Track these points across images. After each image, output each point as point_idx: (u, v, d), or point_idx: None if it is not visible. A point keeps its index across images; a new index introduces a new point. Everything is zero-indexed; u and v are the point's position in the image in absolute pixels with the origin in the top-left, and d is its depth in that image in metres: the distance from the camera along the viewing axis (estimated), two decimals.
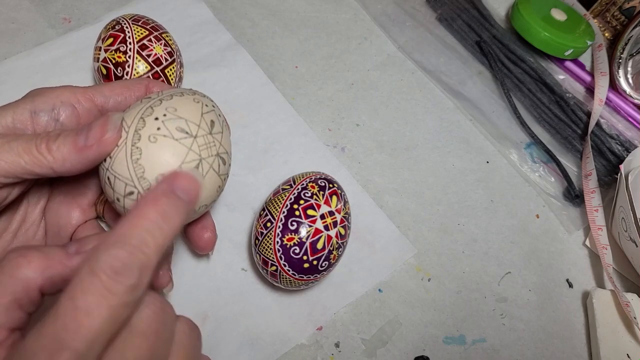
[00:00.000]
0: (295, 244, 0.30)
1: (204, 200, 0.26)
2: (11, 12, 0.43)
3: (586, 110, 0.46)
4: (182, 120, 0.25)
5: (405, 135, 0.43)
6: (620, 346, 0.35)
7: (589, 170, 0.42)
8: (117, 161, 0.24)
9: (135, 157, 0.24)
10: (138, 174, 0.24)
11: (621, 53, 0.48)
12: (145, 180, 0.24)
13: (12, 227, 0.28)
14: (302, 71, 0.45)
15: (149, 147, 0.24)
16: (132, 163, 0.24)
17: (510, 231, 0.41)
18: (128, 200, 0.24)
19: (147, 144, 0.24)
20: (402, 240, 0.38)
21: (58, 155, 0.23)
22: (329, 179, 0.33)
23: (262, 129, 0.41)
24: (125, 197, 0.24)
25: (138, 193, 0.24)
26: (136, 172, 0.24)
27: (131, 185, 0.24)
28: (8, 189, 0.25)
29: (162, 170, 0.24)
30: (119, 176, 0.24)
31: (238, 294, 0.34)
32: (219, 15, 0.46)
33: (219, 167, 0.26)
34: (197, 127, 0.25)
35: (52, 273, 0.21)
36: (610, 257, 0.38)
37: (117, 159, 0.24)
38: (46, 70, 0.40)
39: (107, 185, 0.25)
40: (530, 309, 0.38)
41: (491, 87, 0.47)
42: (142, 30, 0.35)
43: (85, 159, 0.24)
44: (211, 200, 0.27)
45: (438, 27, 0.50)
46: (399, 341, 0.35)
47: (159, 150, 0.24)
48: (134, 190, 0.24)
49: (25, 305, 0.20)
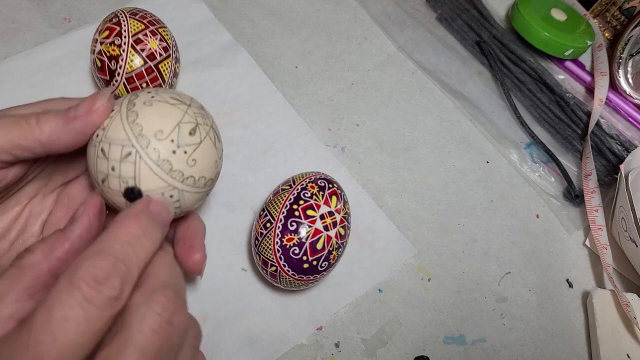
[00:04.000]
0: (294, 244, 0.30)
1: (202, 172, 0.25)
2: (11, 12, 0.43)
3: (586, 110, 0.46)
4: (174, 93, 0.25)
5: (405, 135, 0.43)
6: (620, 346, 0.35)
7: (589, 170, 0.42)
8: (112, 128, 0.23)
9: (131, 119, 0.23)
10: (136, 132, 0.23)
11: (621, 53, 0.48)
12: (144, 137, 0.23)
13: (10, 235, 0.27)
14: (302, 71, 0.45)
15: (144, 109, 0.24)
16: (129, 124, 0.23)
17: (510, 231, 0.41)
18: (125, 165, 0.23)
19: (142, 107, 0.24)
20: (402, 240, 0.38)
21: (46, 127, 0.23)
22: (329, 179, 0.33)
23: (262, 129, 0.41)
24: (122, 161, 0.23)
25: (136, 152, 0.23)
26: (133, 132, 0.23)
27: (128, 145, 0.23)
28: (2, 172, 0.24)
29: (161, 127, 0.23)
30: (115, 141, 0.23)
31: (238, 294, 0.34)
32: (219, 15, 0.46)
33: (215, 140, 0.25)
34: (189, 99, 0.25)
35: (55, 253, 0.20)
36: (610, 257, 0.38)
37: (111, 126, 0.23)
38: (46, 70, 0.40)
39: (101, 157, 0.23)
40: (530, 309, 0.38)
41: (491, 87, 0.47)
42: (138, 24, 0.35)
43: (73, 130, 0.23)
44: (209, 175, 0.26)
45: (438, 27, 0.50)
46: (399, 341, 0.35)
47: (155, 110, 0.24)
48: (132, 150, 0.23)
49: (36, 293, 0.20)
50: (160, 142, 0.23)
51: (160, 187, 0.23)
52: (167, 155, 0.23)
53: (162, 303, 0.19)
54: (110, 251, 0.19)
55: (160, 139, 0.23)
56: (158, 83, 0.36)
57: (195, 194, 0.25)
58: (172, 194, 0.24)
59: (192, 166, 0.24)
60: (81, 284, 0.17)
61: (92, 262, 0.18)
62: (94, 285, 0.17)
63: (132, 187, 0.23)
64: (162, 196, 0.24)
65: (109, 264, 0.18)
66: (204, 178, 0.25)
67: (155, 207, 0.22)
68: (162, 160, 0.23)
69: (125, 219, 0.20)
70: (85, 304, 0.17)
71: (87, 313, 0.17)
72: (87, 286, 0.17)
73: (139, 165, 0.23)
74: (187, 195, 0.25)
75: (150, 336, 0.18)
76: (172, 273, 0.22)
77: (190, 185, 0.24)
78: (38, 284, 0.20)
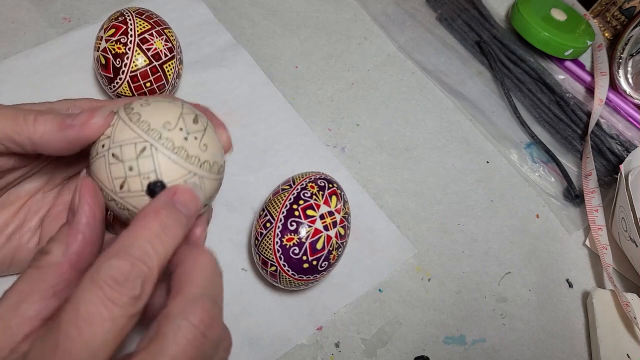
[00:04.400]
0: (294, 244, 0.30)
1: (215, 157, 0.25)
2: (11, 12, 0.43)
3: (586, 110, 0.46)
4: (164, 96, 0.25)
5: (405, 135, 0.43)
6: (620, 346, 0.35)
7: (589, 170, 0.42)
8: (118, 132, 0.23)
9: (135, 119, 0.23)
10: (144, 129, 0.23)
11: (621, 53, 0.48)
12: (154, 130, 0.23)
13: (7, 230, 0.27)
14: (302, 71, 0.45)
15: (144, 109, 0.24)
16: (135, 124, 0.23)
17: (510, 231, 0.41)
18: (143, 160, 0.22)
19: (141, 108, 0.24)
20: (402, 240, 0.38)
21: (40, 128, 0.23)
22: (329, 179, 0.33)
23: (262, 129, 0.41)
24: (139, 158, 0.22)
25: (151, 146, 0.23)
26: (142, 128, 0.23)
27: (141, 141, 0.23)
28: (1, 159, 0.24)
29: (167, 118, 0.23)
30: (125, 142, 0.23)
31: (238, 294, 0.34)
32: (219, 15, 0.46)
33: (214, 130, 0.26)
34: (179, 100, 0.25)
35: (73, 248, 0.20)
36: (610, 257, 0.38)
37: (117, 131, 0.23)
38: (46, 70, 0.40)
39: (114, 163, 0.23)
40: (530, 309, 0.38)
41: (491, 87, 0.47)
42: (144, 24, 0.35)
43: (64, 137, 0.23)
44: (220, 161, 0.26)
45: (438, 27, 0.50)
46: (399, 341, 0.35)
47: (154, 108, 0.24)
48: (146, 144, 0.23)
49: (61, 291, 0.20)
50: (171, 131, 0.23)
51: (181, 175, 0.23)
52: (180, 142, 0.23)
53: (199, 315, 0.19)
54: (128, 251, 0.19)
55: (170, 129, 0.23)
56: (162, 83, 0.36)
57: (214, 180, 0.25)
58: (194, 180, 0.24)
59: (204, 151, 0.24)
60: (103, 284, 0.18)
61: (111, 263, 0.18)
62: (115, 286, 0.18)
63: (155, 181, 0.23)
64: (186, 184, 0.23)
65: (128, 264, 0.18)
66: (217, 164, 0.25)
67: (182, 196, 0.22)
68: (178, 148, 0.23)
69: (145, 216, 0.20)
70: (108, 303, 0.18)
71: (110, 312, 0.17)
72: (108, 287, 0.18)
73: (156, 157, 0.23)
74: (207, 182, 0.24)
75: (184, 347, 0.19)
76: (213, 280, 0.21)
77: (207, 171, 0.24)
78: (62, 281, 0.20)
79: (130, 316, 0.18)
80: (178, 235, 0.21)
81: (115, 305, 0.18)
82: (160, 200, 0.21)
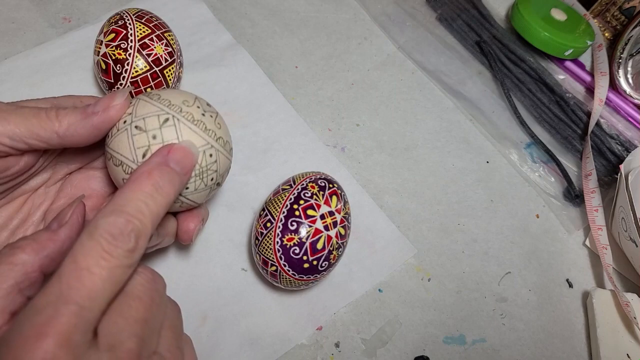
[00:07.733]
0: (295, 244, 0.30)
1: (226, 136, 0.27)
2: (11, 12, 0.43)
3: (586, 110, 0.46)
4: None
5: (405, 135, 0.43)
6: (620, 346, 0.35)
7: (589, 170, 0.42)
8: (140, 108, 0.25)
9: (156, 97, 0.26)
10: (166, 104, 0.25)
11: (621, 53, 0.48)
12: (175, 105, 0.25)
13: (12, 224, 0.28)
14: (302, 71, 0.45)
15: (162, 92, 0.26)
16: (156, 101, 0.25)
17: (510, 231, 0.41)
18: (166, 129, 0.24)
19: (158, 91, 0.26)
20: (402, 240, 0.38)
21: (64, 120, 0.24)
22: (329, 179, 0.33)
23: (262, 129, 0.41)
24: (162, 127, 0.24)
25: (173, 117, 0.25)
26: (163, 104, 0.25)
27: (164, 113, 0.25)
28: (15, 159, 0.25)
29: (185, 97, 0.26)
30: (148, 114, 0.25)
31: (238, 294, 0.34)
32: (219, 15, 0.46)
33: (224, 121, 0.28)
34: None
35: (46, 252, 0.22)
36: (610, 257, 0.38)
37: (138, 107, 0.25)
38: (46, 70, 0.40)
39: (137, 134, 0.24)
40: (530, 309, 0.38)
41: (491, 87, 0.47)
42: (144, 28, 0.35)
43: (90, 125, 0.24)
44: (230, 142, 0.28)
45: (438, 27, 0.50)
46: (399, 341, 0.35)
47: (171, 91, 0.26)
48: (168, 116, 0.25)
49: (26, 289, 0.21)
50: (190, 107, 0.26)
51: (201, 145, 0.25)
52: (199, 117, 0.26)
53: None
54: (124, 208, 0.20)
55: (189, 106, 0.26)
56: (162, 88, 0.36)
57: (226, 159, 0.27)
58: (211, 152, 0.26)
59: (219, 128, 0.27)
60: (100, 239, 0.19)
61: (107, 219, 0.20)
62: (111, 240, 0.19)
63: None
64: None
65: (123, 220, 0.20)
66: (229, 144, 0.27)
67: (175, 154, 0.23)
68: (197, 121, 0.25)
69: (138, 177, 0.22)
70: (106, 255, 0.19)
71: (108, 263, 0.19)
72: (105, 241, 0.19)
73: (179, 127, 0.25)
74: (222, 157, 0.27)
75: None
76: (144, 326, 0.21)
77: (222, 147, 0.26)
78: (27, 279, 0.21)
79: (125, 267, 0.20)
80: (171, 194, 0.22)
81: (112, 257, 0.19)
82: (153, 161, 0.23)
